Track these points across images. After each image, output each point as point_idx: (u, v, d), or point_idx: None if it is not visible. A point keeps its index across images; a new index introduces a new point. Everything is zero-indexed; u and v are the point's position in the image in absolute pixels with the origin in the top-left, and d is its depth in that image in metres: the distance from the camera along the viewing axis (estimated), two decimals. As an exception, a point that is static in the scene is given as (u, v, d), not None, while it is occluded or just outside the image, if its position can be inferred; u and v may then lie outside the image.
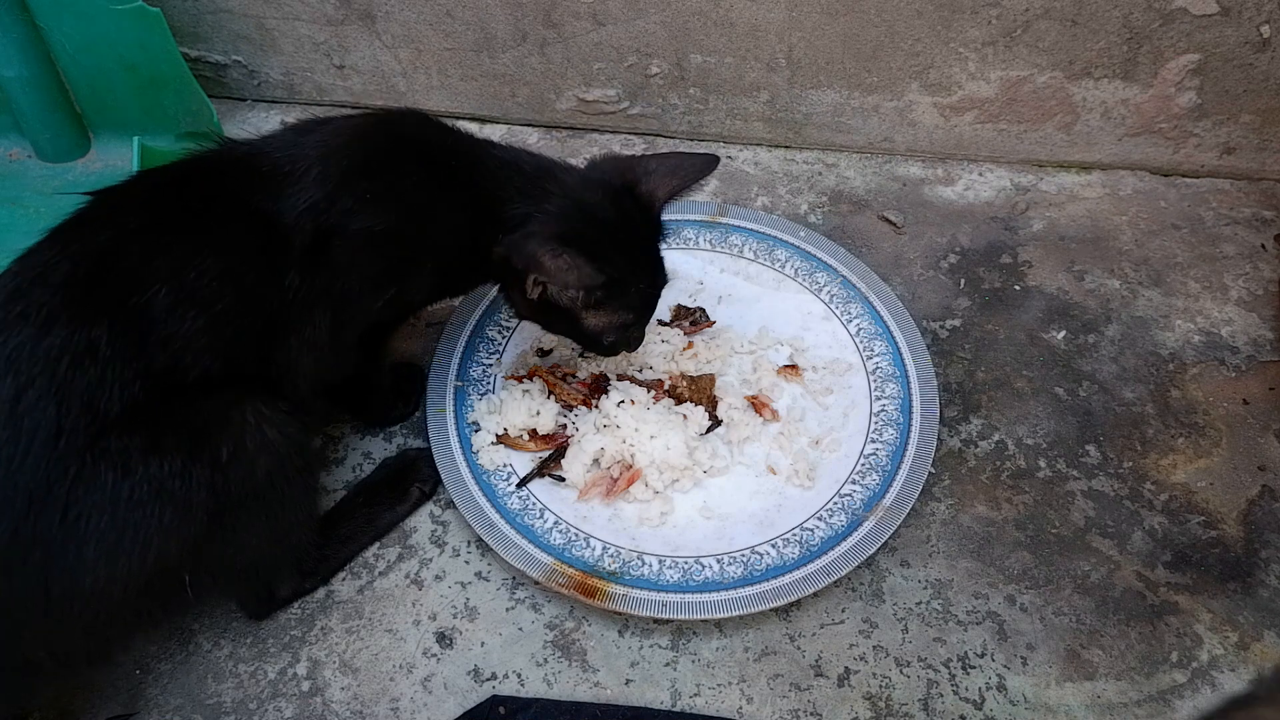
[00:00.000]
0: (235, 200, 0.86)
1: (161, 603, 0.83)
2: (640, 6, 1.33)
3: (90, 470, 0.74)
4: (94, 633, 0.80)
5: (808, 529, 1.00)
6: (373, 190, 0.89)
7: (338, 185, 0.87)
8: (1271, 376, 1.16)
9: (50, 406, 0.74)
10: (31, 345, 0.75)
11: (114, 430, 0.76)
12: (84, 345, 0.76)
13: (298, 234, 0.86)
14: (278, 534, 0.89)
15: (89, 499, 0.74)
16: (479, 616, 0.98)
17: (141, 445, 0.76)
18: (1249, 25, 1.23)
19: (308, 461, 0.90)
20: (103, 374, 0.76)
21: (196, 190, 0.87)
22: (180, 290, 0.80)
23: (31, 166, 1.42)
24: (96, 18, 1.27)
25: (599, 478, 1.05)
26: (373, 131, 0.94)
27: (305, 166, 0.87)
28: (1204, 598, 0.98)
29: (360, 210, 0.88)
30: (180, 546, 0.78)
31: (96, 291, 0.78)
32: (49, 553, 0.74)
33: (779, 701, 0.92)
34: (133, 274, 0.79)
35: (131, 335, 0.78)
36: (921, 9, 1.28)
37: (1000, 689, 0.92)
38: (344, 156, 0.89)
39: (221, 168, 0.90)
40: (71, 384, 0.75)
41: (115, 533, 0.75)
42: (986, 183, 1.42)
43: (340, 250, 0.88)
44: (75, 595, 0.75)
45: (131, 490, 0.75)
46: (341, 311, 0.91)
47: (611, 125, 1.51)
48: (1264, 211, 1.35)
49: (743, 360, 1.16)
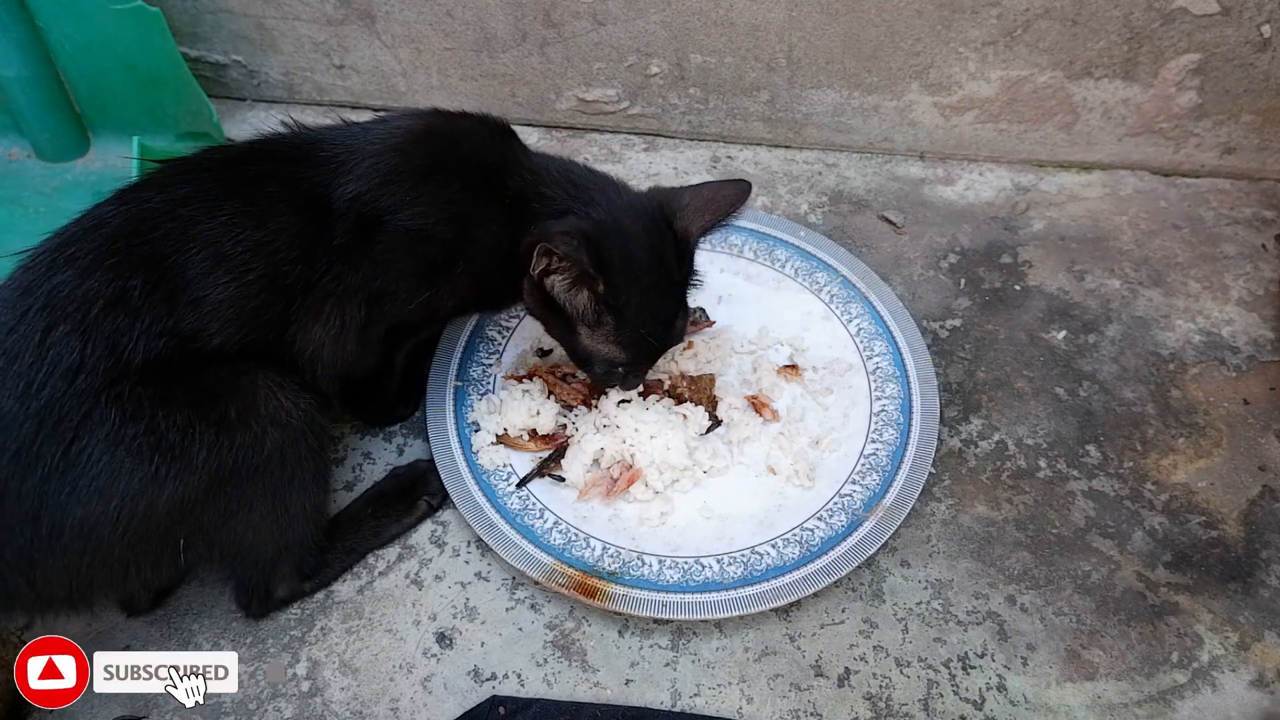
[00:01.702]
0: (287, 182, 0.90)
1: (152, 560, 0.84)
2: (640, 6, 1.33)
3: (101, 411, 0.78)
4: (77, 573, 0.81)
5: (808, 529, 1.00)
6: (419, 191, 0.91)
7: (386, 180, 0.90)
8: (1272, 376, 1.16)
9: (75, 343, 0.79)
10: (71, 287, 0.80)
11: (132, 378, 0.80)
12: (118, 293, 0.81)
13: (341, 222, 0.89)
14: (282, 516, 0.89)
15: (92, 436, 0.78)
16: (479, 617, 0.98)
17: (152, 396, 0.80)
18: (1249, 25, 1.23)
19: (322, 444, 0.91)
20: (131, 323, 0.80)
21: (254, 168, 0.91)
22: (216, 256, 0.84)
23: (31, 166, 1.43)
24: (96, 17, 1.27)
25: (599, 478, 1.05)
26: (431, 134, 0.96)
27: (359, 159, 0.91)
28: (1204, 598, 0.98)
29: (405, 208, 0.90)
30: (173, 501, 0.80)
31: (138, 246, 0.83)
32: (46, 479, 0.77)
33: (779, 701, 0.92)
34: (175, 234, 0.84)
35: (164, 291, 0.82)
36: (922, 9, 1.28)
37: (1000, 689, 0.92)
38: (397, 154, 0.92)
39: (283, 151, 0.93)
40: (99, 327, 0.79)
41: (110, 473, 0.78)
42: (987, 182, 1.42)
43: (381, 245, 0.90)
44: (63, 526, 0.78)
45: (134, 436, 0.78)
46: (374, 307, 0.93)
47: (612, 125, 1.51)
48: (1264, 211, 1.35)
49: (743, 360, 1.16)
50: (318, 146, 0.92)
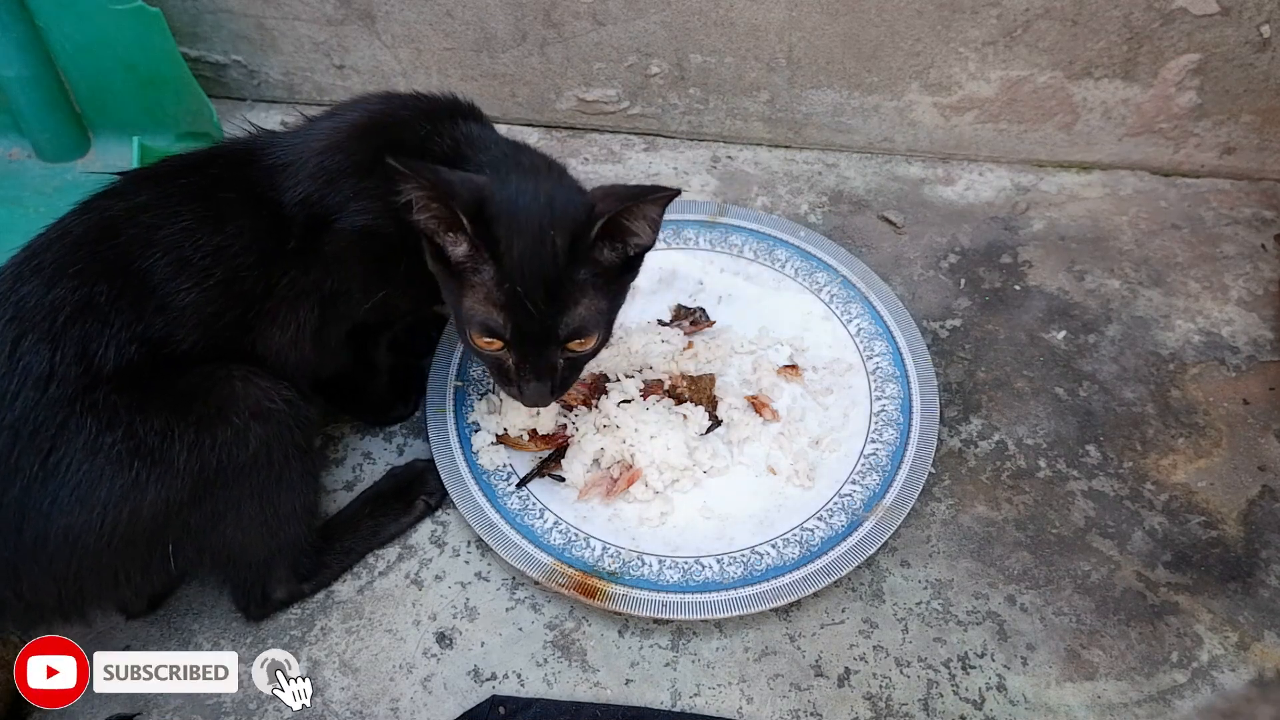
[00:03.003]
0: (242, 186, 0.89)
1: (141, 567, 0.84)
2: (640, 6, 1.33)
3: (77, 419, 0.77)
4: (64, 582, 0.81)
5: (808, 529, 1.00)
6: (361, 187, 0.90)
7: (330, 179, 0.89)
8: (1272, 376, 1.16)
9: (45, 353, 0.78)
10: (37, 296, 0.80)
11: (105, 385, 0.79)
12: (84, 300, 0.80)
13: (293, 224, 0.88)
14: (271, 517, 0.88)
15: (70, 445, 0.77)
16: (479, 616, 0.98)
17: (128, 402, 0.79)
18: (1249, 25, 1.23)
19: (308, 439, 0.90)
20: (100, 329, 0.80)
21: (212, 173, 0.90)
22: (179, 261, 0.84)
23: (31, 166, 1.43)
24: (96, 18, 1.27)
25: (599, 478, 1.05)
26: (373, 126, 0.94)
27: (306, 158, 0.90)
28: (1204, 598, 0.98)
29: (349, 205, 0.89)
30: (157, 506, 0.79)
31: (102, 253, 0.83)
32: (26, 490, 0.77)
33: (779, 701, 0.92)
34: (138, 240, 0.84)
35: (130, 297, 0.82)
36: (922, 9, 1.28)
37: (1000, 689, 0.92)
38: (339, 152, 0.91)
39: (240, 155, 0.92)
40: (67, 335, 0.79)
41: (91, 482, 0.77)
42: (987, 183, 1.42)
43: (330, 246, 0.90)
44: (46, 537, 0.78)
45: (113, 443, 0.78)
46: (328, 308, 0.92)
47: (611, 125, 1.51)
48: (1264, 211, 1.35)
49: (743, 360, 1.16)
50: (272, 149, 0.92)
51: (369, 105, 0.97)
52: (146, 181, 0.89)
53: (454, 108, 0.98)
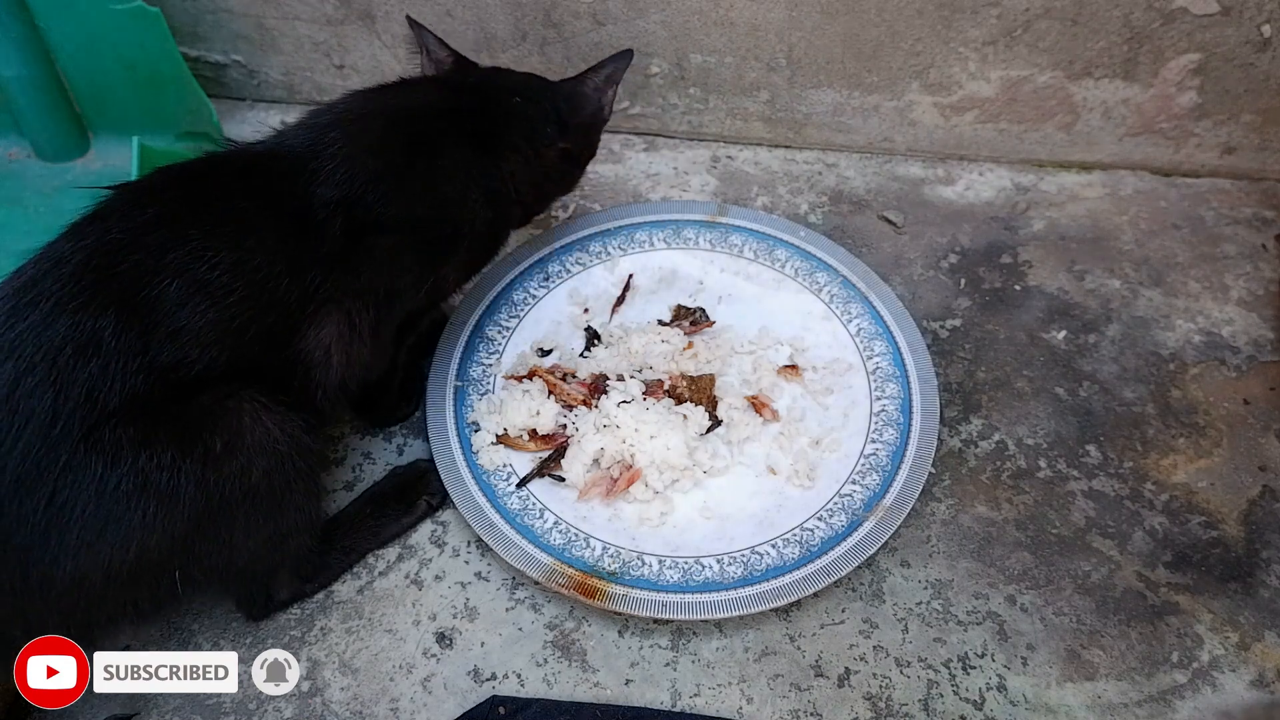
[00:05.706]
0: (256, 195, 0.87)
1: (149, 595, 0.83)
2: (640, 6, 1.33)
3: (82, 459, 0.74)
4: (73, 617, 0.80)
5: (808, 529, 1.00)
6: (404, 184, 0.90)
7: (369, 181, 0.89)
8: (1272, 376, 1.16)
9: (48, 394, 0.74)
10: (36, 333, 0.76)
11: (111, 421, 0.76)
12: (88, 336, 0.76)
13: (326, 229, 0.87)
14: (275, 538, 0.88)
15: (76, 487, 0.74)
16: (479, 617, 0.98)
17: (134, 437, 0.76)
18: (1250, 25, 1.23)
19: (311, 465, 0.88)
20: (105, 365, 0.76)
21: (218, 185, 0.88)
22: (192, 283, 0.80)
23: (31, 166, 1.42)
24: (96, 17, 1.26)
25: (599, 478, 1.05)
26: (398, 121, 0.95)
27: (330, 161, 0.89)
28: (1205, 598, 0.98)
29: (394, 204, 0.89)
30: (165, 542, 0.78)
31: (106, 283, 0.78)
32: (31, 535, 0.74)
33: (779, 702, 0.92)
34: (144, 266, 0.79)
35: (138, 328, 0.78)
36: (922, 9, 1.28)
37: (1000, 689, 0.92)
38: (371, 155, 0.91)
39: (245, 163, 0.91)
40: (72, 373, 0.75)
41: (98, 523, 0.75)
42: (987, 182, 1.42)
43: (381, 247, 0.89)
44: (54, 580, 0.76)
45: (118, 481, 0.75)
46: (385, 306, 0.91)
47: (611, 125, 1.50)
48: (1265, 211, 1.35)
49: (743, 360, 1.16)
50: (281, 154, 0.90)
51: (383, 98, 0.99)
52: (145, 198, 0.85)
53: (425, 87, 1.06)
